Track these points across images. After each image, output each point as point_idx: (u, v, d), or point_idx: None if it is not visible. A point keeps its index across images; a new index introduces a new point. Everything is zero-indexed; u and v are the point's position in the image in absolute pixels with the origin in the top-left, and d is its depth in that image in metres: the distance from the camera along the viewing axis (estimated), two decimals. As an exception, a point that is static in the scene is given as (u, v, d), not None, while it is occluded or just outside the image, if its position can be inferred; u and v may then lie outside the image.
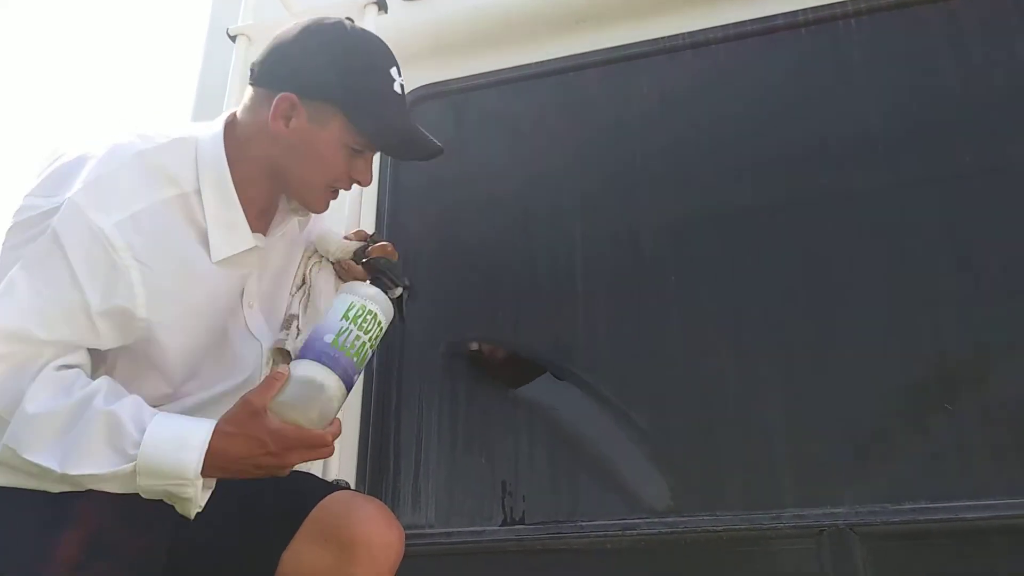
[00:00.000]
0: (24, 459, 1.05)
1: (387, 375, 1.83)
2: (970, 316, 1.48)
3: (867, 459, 1.45)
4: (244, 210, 1.29)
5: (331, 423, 1.15)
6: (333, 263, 1.51)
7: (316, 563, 1.20)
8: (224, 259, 1.27)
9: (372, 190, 2.01)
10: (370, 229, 1.81)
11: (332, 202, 1.43)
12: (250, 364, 1.33)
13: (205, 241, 1.25)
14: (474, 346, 1.82)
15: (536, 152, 1.94)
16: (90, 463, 1.05)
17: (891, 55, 1.69)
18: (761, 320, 1.60)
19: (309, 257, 1.51)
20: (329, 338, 1.17)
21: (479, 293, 1.86)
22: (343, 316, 1.20)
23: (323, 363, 1.15)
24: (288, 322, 1.42)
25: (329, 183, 1.29)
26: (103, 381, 1.13)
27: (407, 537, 1.64)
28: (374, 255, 1.46)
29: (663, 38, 1.86)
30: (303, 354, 1.17)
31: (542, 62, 1.99)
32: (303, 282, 1.48)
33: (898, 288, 1.53)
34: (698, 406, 1.58)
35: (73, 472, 1.05)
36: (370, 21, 1.88)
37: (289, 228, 1.45)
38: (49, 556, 1.10)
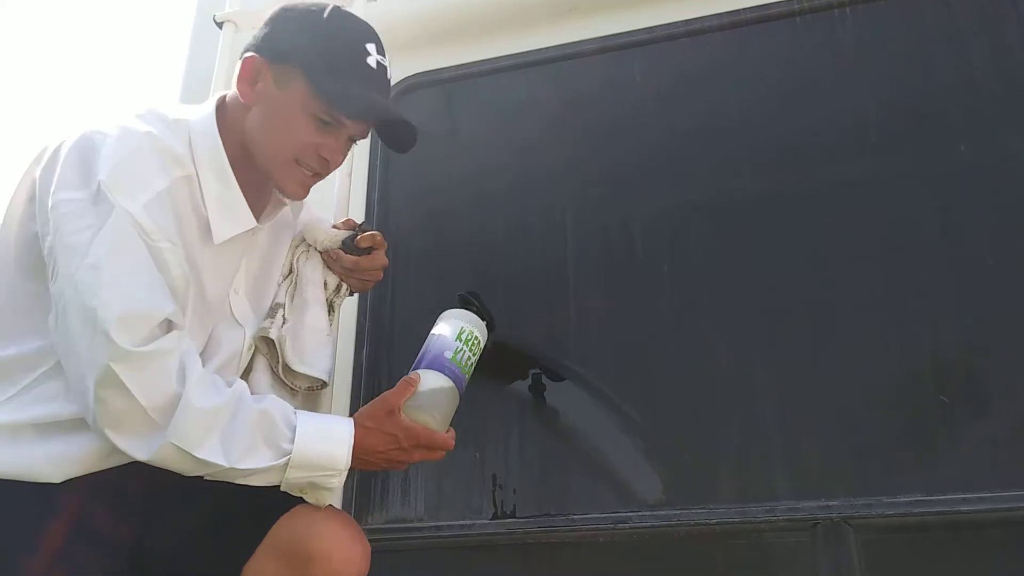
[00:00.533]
0: (194, 457, 1.10)
1: (376, 367, 1.80)
2: (968, 308, 1.46)
3: (862, 451, 1.43)
4: (244, 194, 1.29)
5: (448, 430, 1.30)
6: (321, 252, 1.48)
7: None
8: (225, 241, 1.26)
9: (362, 179, 1.99)
10: (359, 218, 1.79)
11: (321, 190, 1.42)
12: (230, 349, 1.30)
13: (206, 223, 1.25)
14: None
15: (528, 141, 1.92)
16: (252, 459, 1.13)
17: (891, 42, 1.66)
18: (755, 310, 1.58)
19: (296, 246, 1.48)
20: (448, 355, 1.35)
21: (469, 282, 1.83)
22: (457, 337, 1.38)
23: (446, 374, 1.32)
24: (274, 311, 1.39)
25: (295, 155, 1.25)
26: (238, 380, 1.22)
27: (395, 531, 1.66)
28: (363, 244, 1.44)
29: (658, 26, 1.83)
30: (429, 365, 1.33)
31: (535, 50, 1.96)
32: (290, 271, 1.46)
33: (894, 278, 1.51)
34: (691, 398, 1.56)
35: (240, 466, 1.12)
36: (359, 7, 1.85)
37: (281, 216, 1.43)
38: (33, 546, 1.08)
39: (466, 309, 1.44)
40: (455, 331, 1.38)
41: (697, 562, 1.44)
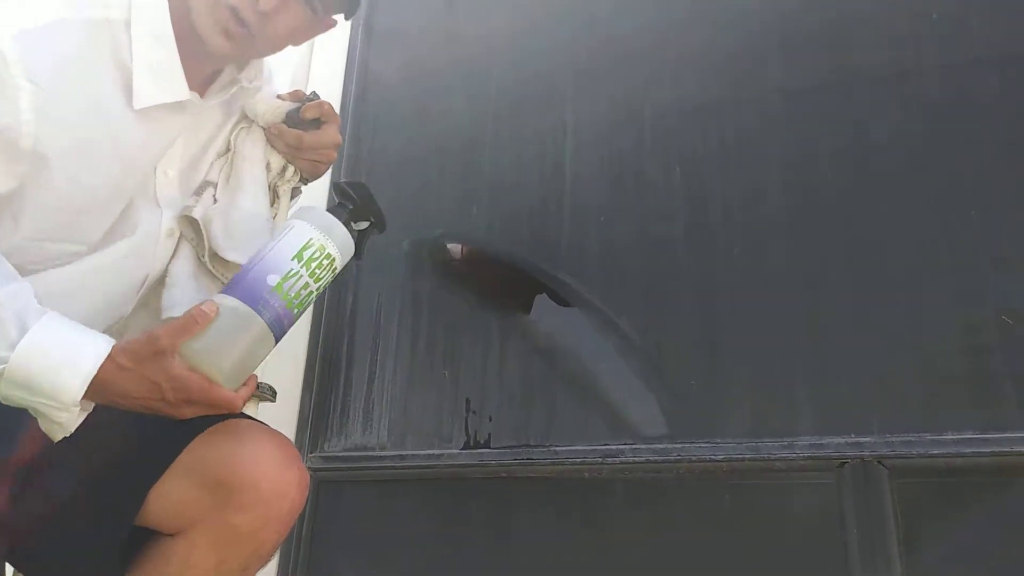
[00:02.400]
0: None
1: (343, 275, 1.57)
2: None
3: (901, 377, 1.18)
4: (182, 60, 1.05)
5: (246, 383, 0.94)
6: (264, 128, 1.24)
7: (189, 506, 0.96)
8: (147, 108, 1.03)
9: (338, 71, 1.76)
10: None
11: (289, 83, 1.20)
12: (144, 232, 1.08)
13: (128, 84, 1.02)
14: (443, 244, 1.56)
15: (522, 30, 1.66)
16: None
17: None
18: (774, 209, 1.33)
19: (238, 122, 1.25)
20: (272, 280, 0.95)
21: (451, 185, 1.60)
22: (296, 256, 0.98)
23: (256, 308, 0.94)
24: (201, 189, 1.17)
25: None
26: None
27: (354, 459, 1.45)
28: (308, 115, 1.20)
29: None
30: (233, 290, 0.95)
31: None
32: (227, 149, 1.23)
33: (948, 182, 1.26)
34: (696, 313, 1.32)
35: None
36: None
37: (235, 97, 1.19)
38: None
39: (336, 211, 1.06)
40: (296, 246, 0.99)
41: (699, 505, 1.22)
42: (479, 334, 1.45)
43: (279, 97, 1.27)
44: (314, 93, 1.28)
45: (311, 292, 0.99)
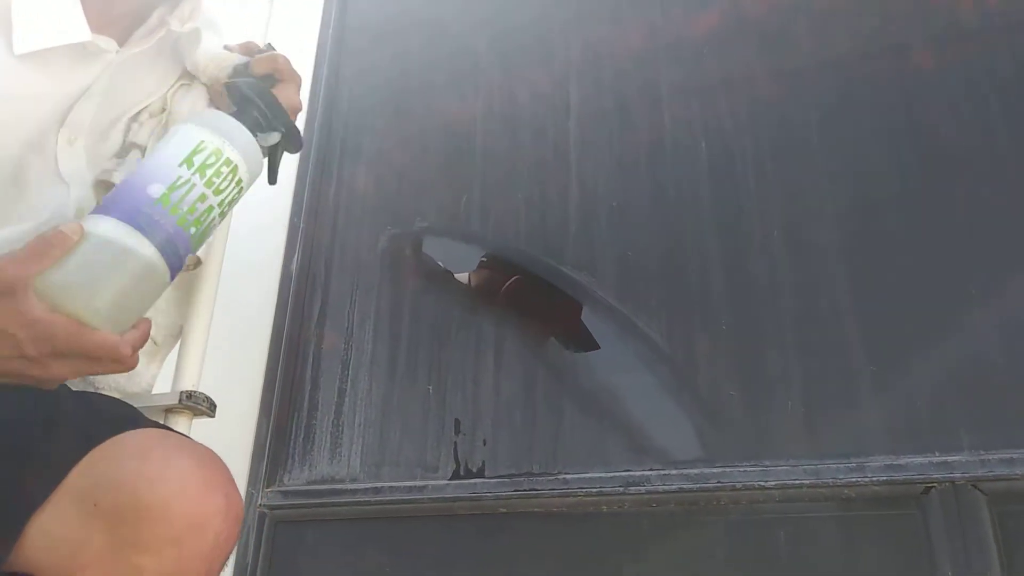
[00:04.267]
0: None
1: (308, 276, 1.35)
2: None
3: (995, 383, 0.95)
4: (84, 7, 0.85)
5: (135, 326, 0.72)
6: (207, 86, 1.02)
7: (76, 540, 0.70)
8: (35, 54, 0.82)
9: (311, 36, 1.55)
10: (308, 85, 1.34)
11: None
12: (48, 213, 0.85)
13: (6, 22, 0.81)
14: (426, 240, 1.34)
15: (522, 4, 1.46)
16: None
17: None
18: (827, 192, 1.11)
19: (178, 78, 1.03)
20: (155, 191, 0.73)
21: (437, 170, 1.38)
22: (184, 161, 0.76)
23: (136, 226, 0.72)
24: (125, 151, 0.94)
25: None
26: None
27: (321, 494, 1.20)
28: (258, 70, 0.97)
29: None
30: (107, 209, 0.73)
31: None
32: (162, 109, 1.00)
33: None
34: (732, 310, 1.10)
35: None
36: None
37: (167, 46, 0.98)
38: None
39: (238, 116, 0.84)
40: (184, 149, 0.77)
41: (745, 543, 0.98)
42: (470, 342, 1.22)
43: (226, 49, 1.05)
44: (268, 45, 1.05)
45: (210, 208, 0.76)
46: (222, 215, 0.79)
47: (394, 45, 1.53)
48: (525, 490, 1.09)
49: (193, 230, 0.75)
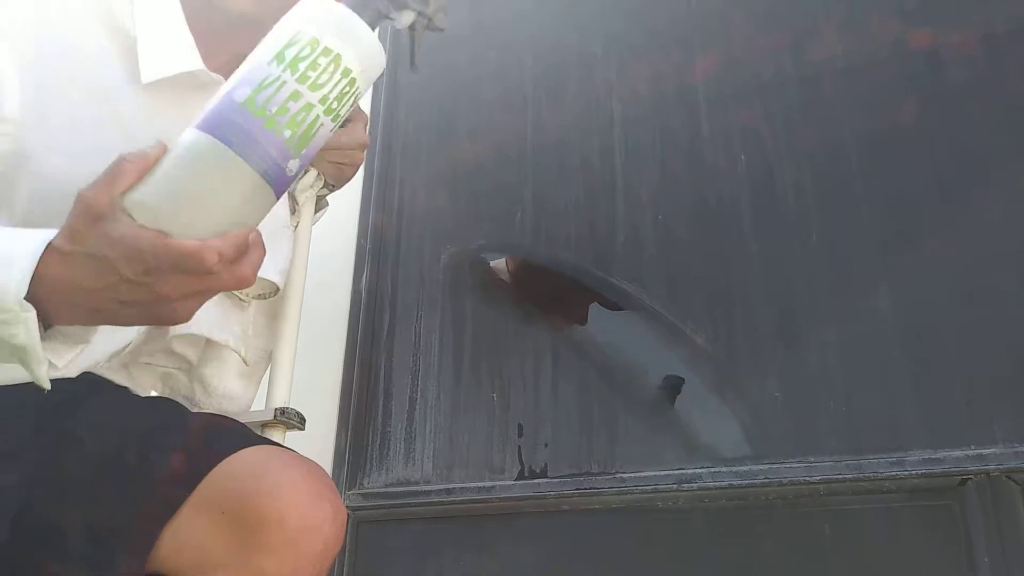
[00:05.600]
0: None
1: (377, 292, 1.45)
2: None
3: (1029, 379, 1.01)
4: (195, 38, 0.94)
5: (223, 235, 0.68)
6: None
7: (206, 547, 0.80)
8: (157, 83, 0.91)
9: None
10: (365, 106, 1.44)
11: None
12: None
13: (129, 54, 0.90)
14: (485, 255, 1.43)
15: (567, 20, 1.54)
16: None
17: None
18: (865, 193, 1.17)
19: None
20: (240, 94, 0.67)
21: (491, 189, 1.47)
22: (275, 56, 0.68)
23: (217, 135, 0.67)
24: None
25: None
26: None
27: (398, 496, 1.30)
28: None
29: None
30: (195, 121, 0.69)
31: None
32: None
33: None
34: (775, 313, 1.16)
35: None
36: None
37: None
38: None
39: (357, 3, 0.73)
40: (279, 41, 0.69)
41: (794, 534, 1.05)
42: (528, 351, 1.31)
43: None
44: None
45: (308, 106, 0.68)
46: (328, 112, 0.70)
47: (444, 64, 1.62)
48: (585, 488, 1.18)
49: (288, 132, 0.68)
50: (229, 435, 0.90)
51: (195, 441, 0.88)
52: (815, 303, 1.14)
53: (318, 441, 1.34)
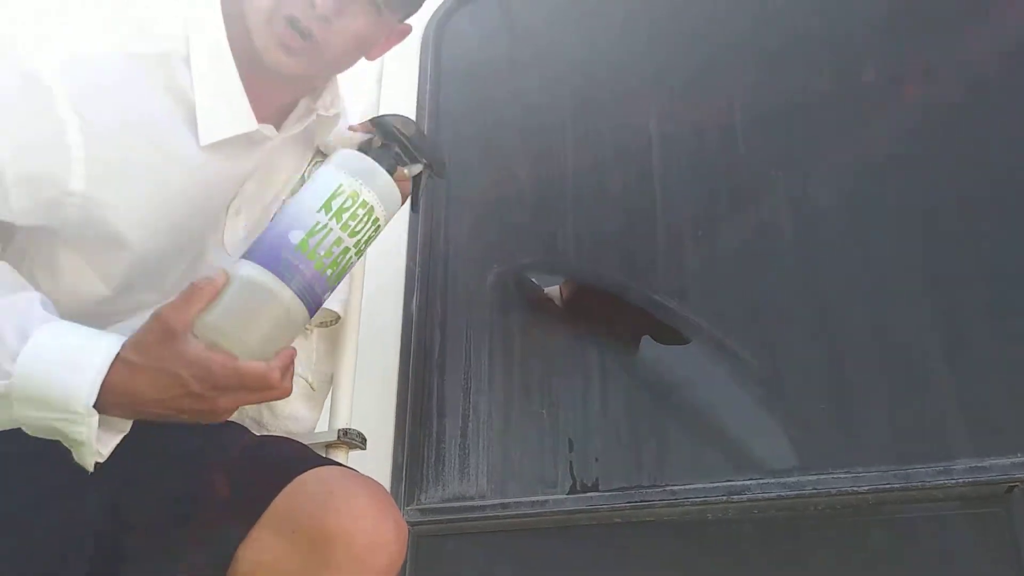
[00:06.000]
0: None
1: (427, 313, 1.50)
2: None
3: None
4: (247, 92, 1.00)
5: (278, 353, 0.82)
6: (339, 162, 1.18)
7: (279, 563, 0.87)
8: (217, 144, 0.97)
9: (410, 94, 1.70)
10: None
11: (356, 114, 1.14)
12: None
13: (192, 119, 0.96)
14: (530, 274, 1.47)
15: (601, 47, 1.58)
16: None
17: None
18: (902, 207, 1.19)
19: (314, 156, 1.20)
20: (295, 237, 0.82)
21: (535, 212, 1.51)
22: (323, 206, 0.84)
23: (276, 272, 0.81)
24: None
25: (280, 1, 0.96)
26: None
27: (454, 511, 1.35)
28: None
29: None
30: (252, 255, 0.83)
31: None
32: (301, 182, 1.17)
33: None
34: (817, 325, 1.19)
35: None
36: None
37: (313, 130, 1.14)
38: None
39: (378, 154, 0.92)
40: (323, 195, 0.84)
41: (844, 544, 1.07)
42: (576, 368, 1.35)
43: (350, 129, 1.21)
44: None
45: (346, 250, 0.83)
46: (358, 254, 0.86)
47: (486, 93, 1.67)
48: (637, 501, 1.21)
49: (330, 272, 0.83)
50: (296, 457, 0.96)
51: (265, 463, 0.94)
52: (857, 314, 1.17)
53: (377, 458, 1.39)
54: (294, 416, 1.10)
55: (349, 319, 1.16)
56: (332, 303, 1.07)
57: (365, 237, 0.87)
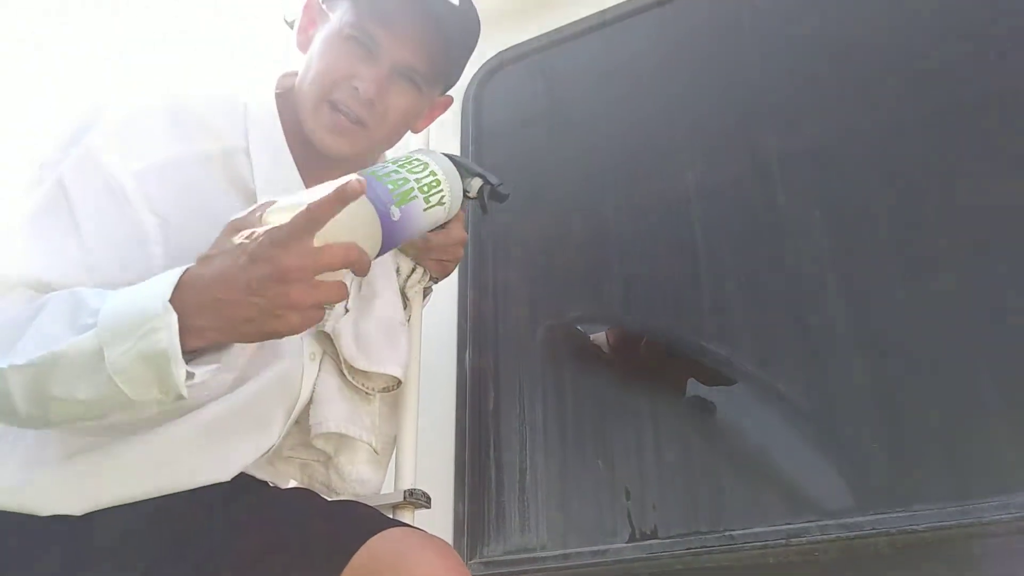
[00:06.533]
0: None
1: (481, 370, 1.55)
2: None
3: None
4: (302, 174, 1.09)
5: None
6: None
7: None
8: None
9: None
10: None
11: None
12: (288, 356, 1.08)
13: (252, 204, 1.04)
14: (579, 327, 1.52)
15: (637, 100, 1.64)
16: (43, 344, 0.80)
17: None
18: (943, 240, 1.21)
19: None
20: (364, 170, 0.94)
21: (580, 265, 1.56)
22: (392, 160, 0.99)
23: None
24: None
25: (326, 92, 1.04)
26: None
27: (516, 563, 1.38)
28: None
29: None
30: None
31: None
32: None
33: None
34: (866, 365, 1.21)
35: (19, 361, 0.79)
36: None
37: None
38: None
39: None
40: (395, 158, 1.01)
41: (906, 582, 1.08)
42: (629, 417, 1.38)
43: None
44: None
45: (407, 181, 0.95)
46: (422, 191, 0.96)
47: (527, 149, 1.74)
48: (696, 547, 1.23)
49: (390, 187, 0.92)
50: (368, 517, 1.00)
51: (338, 527, 0.98)
52: (908, 351, 1.19)
53: (439, 515, 1.43)
54: (360, 479, 1.14)
55: (409, 381, 1.21)
56: (394, 368, 1.13)
57: (425, 180, 0.98)
